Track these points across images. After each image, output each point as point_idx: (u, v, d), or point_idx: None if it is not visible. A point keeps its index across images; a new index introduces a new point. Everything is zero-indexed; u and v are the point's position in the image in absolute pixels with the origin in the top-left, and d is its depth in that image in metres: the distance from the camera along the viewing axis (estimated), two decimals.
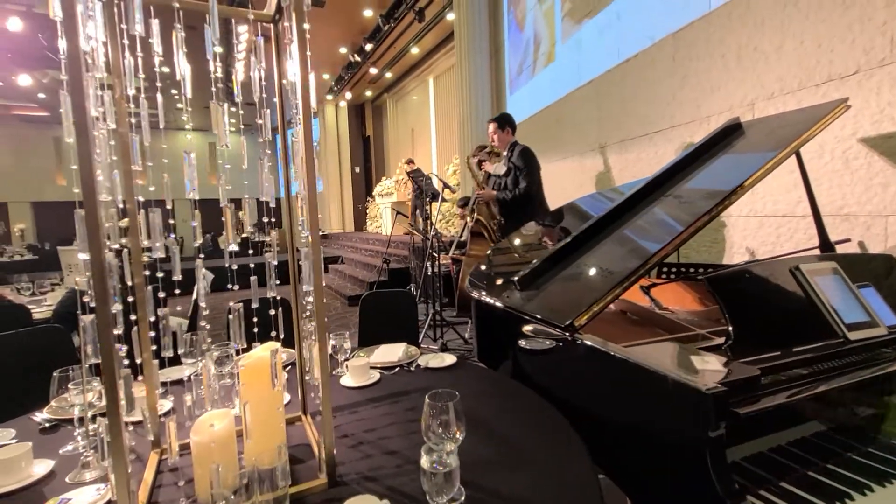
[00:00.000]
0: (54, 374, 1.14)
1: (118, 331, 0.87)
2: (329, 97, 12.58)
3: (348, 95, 12.31)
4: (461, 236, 4.09)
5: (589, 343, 1.19)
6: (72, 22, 0.71)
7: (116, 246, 0.78)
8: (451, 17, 7.04)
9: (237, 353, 1.10)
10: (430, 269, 3.81)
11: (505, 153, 3.32)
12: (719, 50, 2.65)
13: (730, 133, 1.93)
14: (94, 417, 1.11)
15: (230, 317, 0.96)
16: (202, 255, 0.95)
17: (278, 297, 1.06)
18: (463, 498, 0.84)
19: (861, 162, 1.99)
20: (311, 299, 1.07)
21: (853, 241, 2.00)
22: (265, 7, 1.19)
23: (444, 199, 3.68)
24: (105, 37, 0.92)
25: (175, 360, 1.10)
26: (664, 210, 1.63)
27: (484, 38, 6.15)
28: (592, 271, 1.48)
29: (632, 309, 1.92)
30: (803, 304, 1.22)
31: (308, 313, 1.18)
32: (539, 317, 1.38)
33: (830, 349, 1.13)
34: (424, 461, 0.84)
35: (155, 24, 0.94)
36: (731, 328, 1.12)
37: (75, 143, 0.73)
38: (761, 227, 2.46)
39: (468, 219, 3.39)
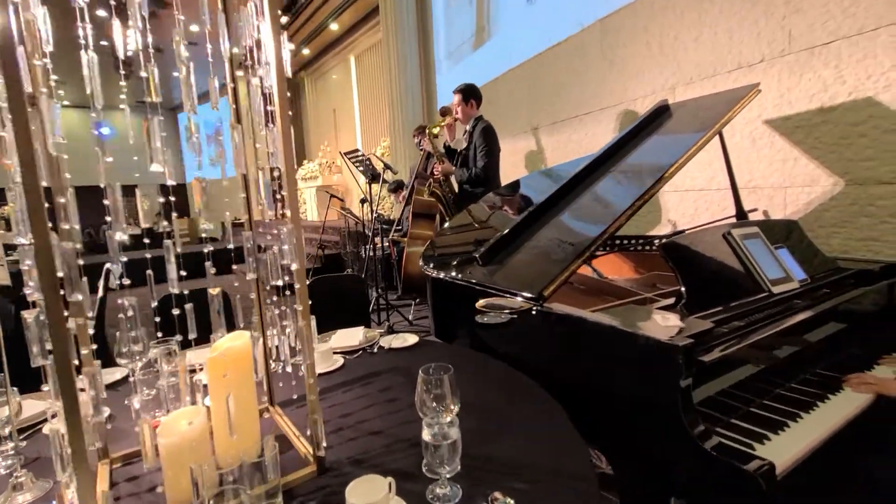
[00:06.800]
0: None
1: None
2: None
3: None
4: (400, 219, 4.03)
5: (561, 311, 1.24)
6: None
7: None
8: None
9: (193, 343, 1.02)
10: (370, 253, 3.73)
11: (467, 127, 3.21)
12: (643, 37, 2.85)
13: (659, 115, 2.10)
14: (10, 434, 0.97)
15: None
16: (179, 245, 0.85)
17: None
18: (459, 468, 0.84)
19: (765, 141, 2.27)
20: (276, 282, 1.02)
21: (758, 210, 2.28)
22: None
23: (384, 181, 3.59)
24: None
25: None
26: (611, 186, 1.73)
27: (411, 15, 6.02)
28: (553, 244, 1.54)
29: (578, 279, 2.04)
30: (736, 264, 1.38)
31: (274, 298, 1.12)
32: (508, 289, 1.42)
33: (760, 302, 1.29)
34: (426, 434, 0.84)
35: None
36: (683, 289, 1.23)
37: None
38: (682, 201, 2.72)
39: (424, 195, 3.24)
